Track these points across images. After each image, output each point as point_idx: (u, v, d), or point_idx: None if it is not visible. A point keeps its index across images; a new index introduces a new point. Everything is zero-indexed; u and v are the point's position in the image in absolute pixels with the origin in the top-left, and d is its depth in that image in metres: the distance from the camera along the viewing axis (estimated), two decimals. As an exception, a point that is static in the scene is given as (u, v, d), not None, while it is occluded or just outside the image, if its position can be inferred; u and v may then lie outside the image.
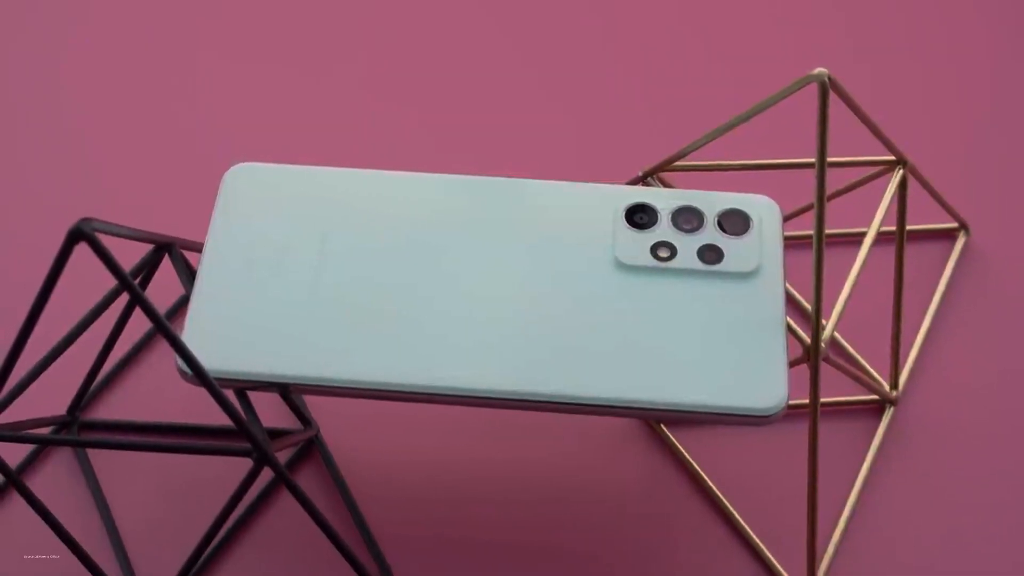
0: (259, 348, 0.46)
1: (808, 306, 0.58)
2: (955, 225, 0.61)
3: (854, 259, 0.61)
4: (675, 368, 0.46)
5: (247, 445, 0.45)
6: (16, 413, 0.57)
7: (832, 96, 0.64)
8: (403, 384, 0.46)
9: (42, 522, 0.53)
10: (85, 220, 0.40)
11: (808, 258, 0.60)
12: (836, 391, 0.57)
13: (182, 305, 0.59)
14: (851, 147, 0.64)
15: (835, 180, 0.62)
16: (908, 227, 0.61)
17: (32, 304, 0.42)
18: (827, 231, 0.61)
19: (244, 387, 0.46)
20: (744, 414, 0.45)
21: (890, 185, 0.51)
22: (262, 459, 0.45)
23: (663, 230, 0.49)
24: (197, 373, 0.43)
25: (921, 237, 0.61)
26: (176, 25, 0.69)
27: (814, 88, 0.65)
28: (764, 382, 0.45)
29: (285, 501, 0.55)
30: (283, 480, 0.46)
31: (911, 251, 0.61)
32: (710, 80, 0.66)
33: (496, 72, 0.67)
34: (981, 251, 0.61)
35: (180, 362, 0.45)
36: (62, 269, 0.41)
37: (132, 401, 0.57)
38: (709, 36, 0.68)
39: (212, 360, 0.46)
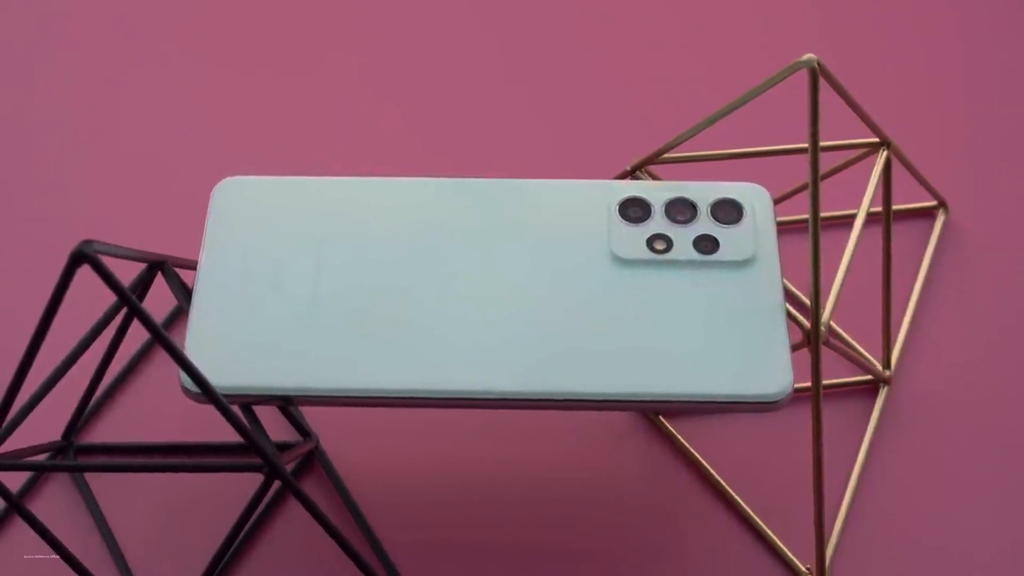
0: (262, 362, 0.46)
1: (797, 292, 0.59)
2: (934, 203, 0.62)
3: (837, 241, 0.61)
4: (680, 359, 0.46)
5: (257, 460, 0.45)
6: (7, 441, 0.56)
7: (806, 79, 0.65)
8: (409, 390, 0.46)
9: (45, 551, 0.53)
10: (86, 242, 0.39)
11: (793, 244, 0.60)
12: (828, 374, 0.57)
13: (174, 319, 0.59)
14: (825, 132, 0.64)
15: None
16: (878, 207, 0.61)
17: (35, 331, 0.41)
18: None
19: (249, 402, 0.46)
20: (752, 401, 0.45)
21: (876, 166, 0.52)
22: (273, 473, 0.45)
23: (657, 223, 0.49)
24: (205, 390, 0.43)
25: (900, 217, 0.62)
26: (153, 40, 0.68)
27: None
28: (769, 368, 0.46)
29: (286, 514, 0.55)
30: (294, 493, 0.45)
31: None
32: (686, 72, 0.67)
33: (477, 72, 0.67)
34: (960, 228, 0.62)
35: (185, 380, 0.45)
36: (64, 292, 0.40)
37: (125, 422, 0.57)
38: (686, 29, 0.68)
39: (215, 376, 0.46)
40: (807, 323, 0.48)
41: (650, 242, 0.48)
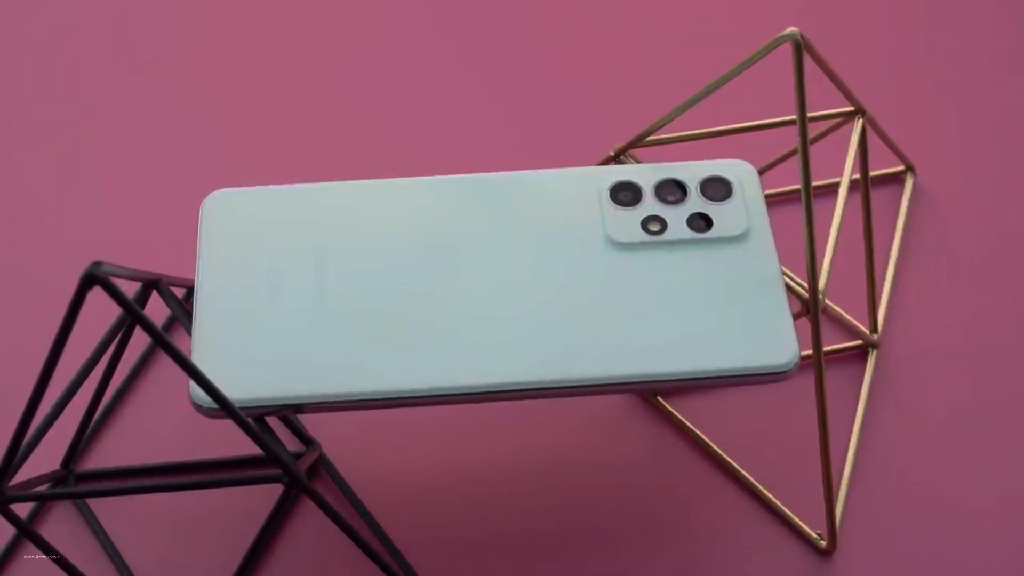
0: (270, 372, 0.46)
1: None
2: (902, 168, 0.63)
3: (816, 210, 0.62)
4: (687, 337, 0.46)
5: (274, 471, 0.45)
6: None
7: (780, 54, 0.65)
8: (419, 389, 0.46)
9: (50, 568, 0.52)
10: (96, 264, 0.39)
11: (773, 217, 0.61)
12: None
13: (166, 329, 0.58)
14: (790, 104, 0.65)
15: (790, 136, 0.63)
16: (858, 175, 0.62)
17: (44, 365, 0.41)
18: (786, 188, 0.62)
19: (261, 413, 0.46)
20: (761, 373, 0.46)
21: (853, 134, 0.52)
22: (293, 483, 0.44)
23: (649, 205, 0.49)
24: (221, 403, 0.42)
25: (870, 183, 0.63)
26: (137, 52, 0.68)
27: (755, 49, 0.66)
28: (775, 339, 0.46)
29: (291, 524, 0.54)
30: (315, 500, 0.45)
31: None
32: (655, 55, 0.67)
33: (453, 68, 0.67)
34: (929, 190, 0.63)
35: (197, 395, 0.45)
36: (77, 315, 0.40)
37: (119, 443, 0.56)
38: (656, 12, 0.69)
39: (225, 389, 0.45)
40: (805, 293, 0.49)
41: (645, 224, 0.49)
